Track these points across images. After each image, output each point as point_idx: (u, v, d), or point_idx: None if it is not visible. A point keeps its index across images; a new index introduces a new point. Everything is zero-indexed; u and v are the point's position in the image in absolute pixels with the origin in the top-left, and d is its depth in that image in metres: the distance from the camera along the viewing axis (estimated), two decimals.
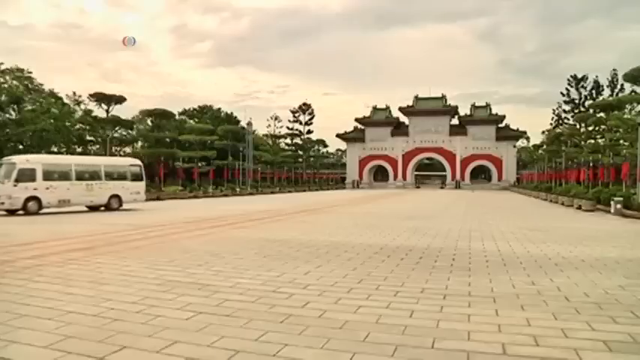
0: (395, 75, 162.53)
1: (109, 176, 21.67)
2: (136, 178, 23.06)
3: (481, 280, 6.96)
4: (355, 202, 30.67)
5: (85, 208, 21.20)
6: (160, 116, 50.59)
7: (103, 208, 21.37)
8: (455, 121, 78.72)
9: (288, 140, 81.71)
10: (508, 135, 74.76)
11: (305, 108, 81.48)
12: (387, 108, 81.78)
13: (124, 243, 10.72)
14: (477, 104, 78.70)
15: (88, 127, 48.79)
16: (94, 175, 21.13)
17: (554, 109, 76.91)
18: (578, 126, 51.96)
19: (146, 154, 53.13)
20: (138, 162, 24.57)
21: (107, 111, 43.80)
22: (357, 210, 23.41)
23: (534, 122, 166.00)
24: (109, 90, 49.65)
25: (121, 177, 22.32)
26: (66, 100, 53.49)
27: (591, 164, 34.48)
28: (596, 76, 72.30)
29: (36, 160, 19.95)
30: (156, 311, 5.21)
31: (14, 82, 45.50)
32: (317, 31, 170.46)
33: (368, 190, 63.28)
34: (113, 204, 21.45)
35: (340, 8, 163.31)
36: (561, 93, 74.57)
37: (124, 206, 22.00)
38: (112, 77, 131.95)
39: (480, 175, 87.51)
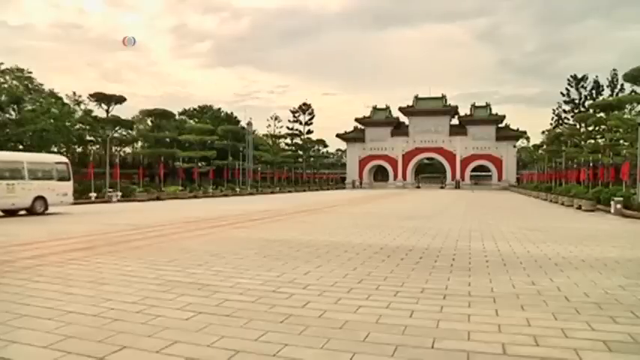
0: (395, 75, 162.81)
1: (33, 175, 18.90)
2: (63, 177, 20.38)
3: (481, 280, 6.96)
4: (355, 202, 30.66)
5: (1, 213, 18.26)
6: (160, 116, 50.64)
7: (24, 212, 18.63)
8: (455, 121, 78.76)
9: (288, 140, 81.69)
10: (508, 135, 74.77)
11: (305, 108, 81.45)
12: (387, 108, 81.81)
13: (123, 243, 10.71)
14: (476, 104, 78.74)
15: (88, 127, 48.82)
16: (15, 174, 18.22)
17: (554, 109, 76.97)
18: (578, 126, 52.02)
19: (146, 154, 53.35)
20: (64, 159, 22.06)
21: (107, 111, 43.86)
22: (357, 210, 23.41)
23: (534, 122, 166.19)
24: (109, 90, 49.82)
25: (47, 176, 19.65)
26: (66, 100, 53.55)
27: (591, 164, 34.49)
28: (596, 76, 72.40)
29: None
30: (156, 311, 5.20)
31: (14, 82, 45.48)
32: (316, 31, 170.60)
33: (368, 190, 63.27)
34: (37, 207, 18.73)
35: (339, 8, 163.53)
36: (561, 93, 74.66)
37: (50, 209, 19.47)
38: (112, 77, 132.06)
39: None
